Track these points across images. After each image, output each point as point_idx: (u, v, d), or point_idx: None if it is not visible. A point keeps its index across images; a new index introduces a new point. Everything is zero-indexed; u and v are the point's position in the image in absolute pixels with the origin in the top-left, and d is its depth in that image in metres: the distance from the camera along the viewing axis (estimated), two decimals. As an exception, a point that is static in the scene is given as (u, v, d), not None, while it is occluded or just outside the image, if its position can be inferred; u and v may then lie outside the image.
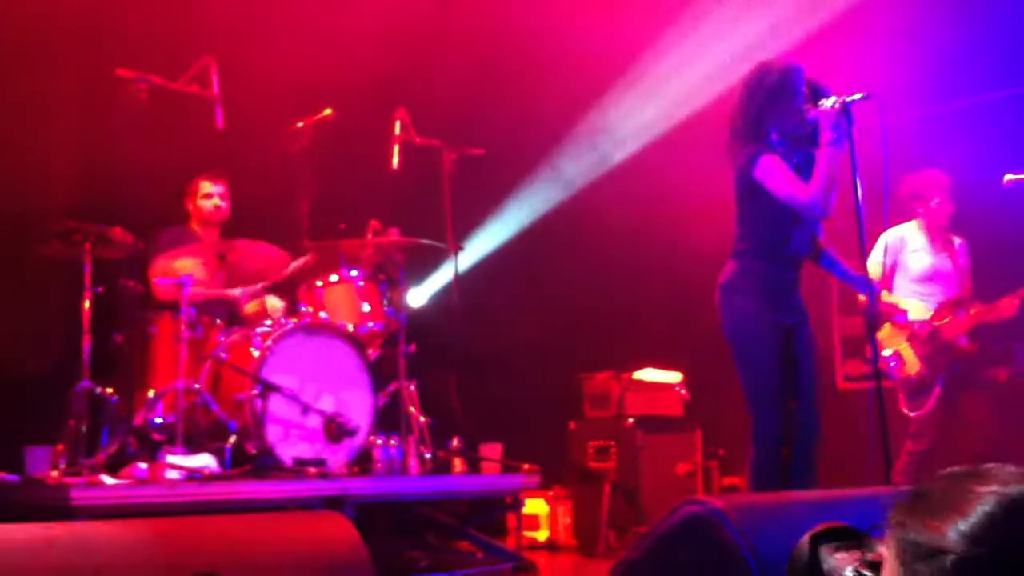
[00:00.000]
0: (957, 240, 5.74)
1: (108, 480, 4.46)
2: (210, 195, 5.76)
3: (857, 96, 4.09)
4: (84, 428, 4.84)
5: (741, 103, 4.27)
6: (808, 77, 4.22)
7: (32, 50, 5.99)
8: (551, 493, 6.41)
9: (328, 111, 5.92)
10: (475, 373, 6.31)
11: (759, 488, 4.10)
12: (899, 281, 5.72)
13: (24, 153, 5.90)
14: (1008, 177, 5.41)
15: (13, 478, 4.65)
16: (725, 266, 4.29)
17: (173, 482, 4.54)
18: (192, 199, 5.79)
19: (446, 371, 6.11)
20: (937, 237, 5.72)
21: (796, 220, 4.21)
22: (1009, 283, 5.57)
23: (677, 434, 6.34)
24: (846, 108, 4.08)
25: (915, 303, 5.64)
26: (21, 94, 5.94)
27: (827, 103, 4.12)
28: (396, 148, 5.92)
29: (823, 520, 2.35)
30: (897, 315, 5.64)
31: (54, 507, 4.10)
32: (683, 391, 6.51)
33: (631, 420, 6.21)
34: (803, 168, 4.20)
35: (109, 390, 5.05)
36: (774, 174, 4.14)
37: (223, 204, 5.78)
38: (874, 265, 5.73)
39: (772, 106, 4.19)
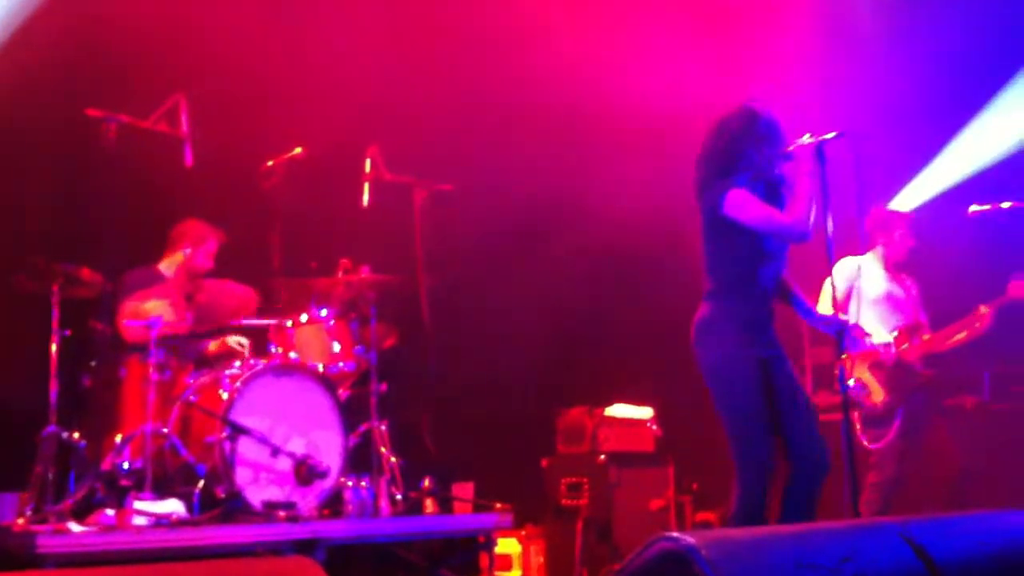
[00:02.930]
0: (907, 277, 5.85)
1: (75, 527, 4.40)
2: (214, 253, 5.75)
3: (831, 135, 4.19)
4: (51, 474, 4.78)
5: (722, 143, 4.33)
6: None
7: (4, 87, 5.97)
8: (524, 532, 6.38)
9: (298, 149, 5.92)
10: (447, 411, 6.29)
11: (748, 517, 4.09)
12: (854, 307, 5.76)
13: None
14: (973, 208, 5.49)
15: (-22, 526, 4.58)
16: (699, 308, 4.33)
17: (141, 528, 4.48)
18: (186, 245, 5.73)
19: (418, 410, 6.09)
20: (896, 268, 5.82)
21: (762, 257, 4.26)
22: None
23: (650, 469, 6.33)
24: (820, 146, 4.19)
25: (876, 328, 5.70)
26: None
27: (804, 140, 4.24)
28: (366, 186, 5.92)
29: (794, 554, 2.35)
30: (860, 342, 5.68)
31: (20, 555, 4.04)
32: (655, 427, 6.51)
33: (604, 456, 6.19)
34: (769, 203, 4.26)
35: (76, 435, 4.99)
36: (747, 205, 4.20)
37: None
38: (831, 289, 5.78)
39: (757, 150, 4.28)
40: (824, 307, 5.78)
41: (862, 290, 5.74)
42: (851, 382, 5.65)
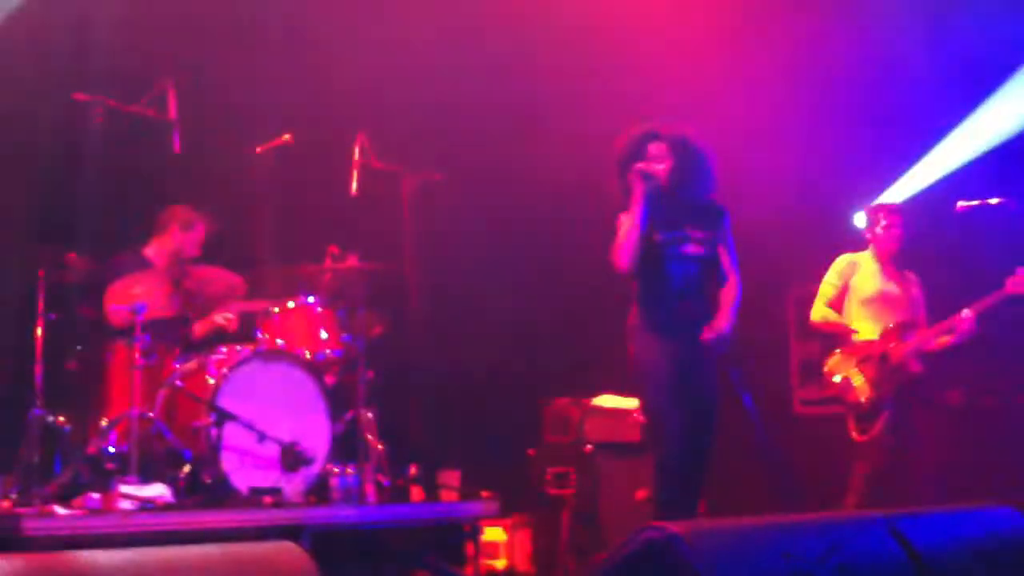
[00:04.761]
0: (912, 275, 5.83)
1: (60, 510, 4.39)
2: (201, 238, 5.73)
3: (658, 168, 4.60)
4: (36, 457, 4.77)
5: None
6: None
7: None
8: (510, 520, 6.38)
9: (287, 136, 5.90)
10: (434, 399, 6.29)
11: (668, 508, 4.46)
12: (848, 305, 5.79)
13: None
14: (960, 203, 5.50)
15: (-38, 508, 4.56)
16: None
17: (126, 512, 4.47)
18: (174, 230, 5.71)
19: (405, 398, 6.08)
20: (888, 265, 5.80)
21: (667, 262, 4.60)
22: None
23: (636, 459, 6.33)
24: (642, 175, 4.57)
25: (864, 325, 5.71)
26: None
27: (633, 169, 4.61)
28: (355, 173, 5.90)
29: (780, 545, 2.36)
30: (848, 338, 5.70)
31: (5, 537, 4.02)
32: (641, 417, 6.51)
33: (591, 446, 6.20)
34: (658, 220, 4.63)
35: (62, 418, 4.98)
36: (619, 226, 4.65)
37: None
38: (826, 286, 5.83)
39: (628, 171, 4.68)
40: (819, 305, 5.83)
41: (855, 287, 5.77)
42: (837, 378, 5.68)
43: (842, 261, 5.82)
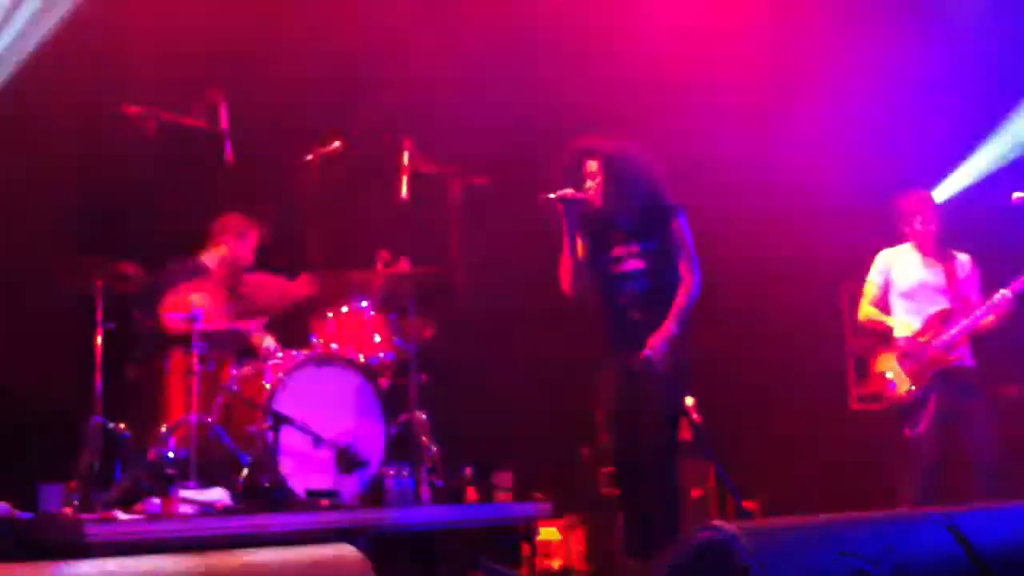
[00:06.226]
0: (962, 256, 5.72)
1: (122, 516, 4.45)
2: (255, 246, 5.80)
3: (568, 191, 4.60)
4: (97, 464, 4.85)
5: None
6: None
7: (43, 85, 6.04)
8: (564, 521, 6.39)
9: (337, 143, 5.95)
10: (487, 401, 6.31)
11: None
12: (891, 298, 5.74)
13: (35, 189, 5.94)
14: (1016, 195, 5.42)
15: (27, 515, 4.65)
16: None
17: (186, 516, 4.53)
18: (228, 238, 5.79)
19: (458, 400, 6.11)
20: (931, 254, 5.72)
21: (614, 279, 4.63)
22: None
23: (690, 459, 6.31)
24: (559, 201, 4.58)
25: (901, 319, 5.65)
26: (31, 129, 5.99)
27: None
28: (405, 178, 5.94)
29: (834, 544, 2.35)
30: (891, 334, 5.64)
31: (68, 544, 4.09)
32: (695, 415, 6.48)
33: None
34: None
35: (122, 425, 5.06)
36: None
37: None
38: (869, 285, 5.78)
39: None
40: (864, 304, 5.78)
41: (894, 282, 5.72)
42: (889, 375, 5.62)
43: (881, 258, 5.78)
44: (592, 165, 4.65)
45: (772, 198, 6.74)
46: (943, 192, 6.33)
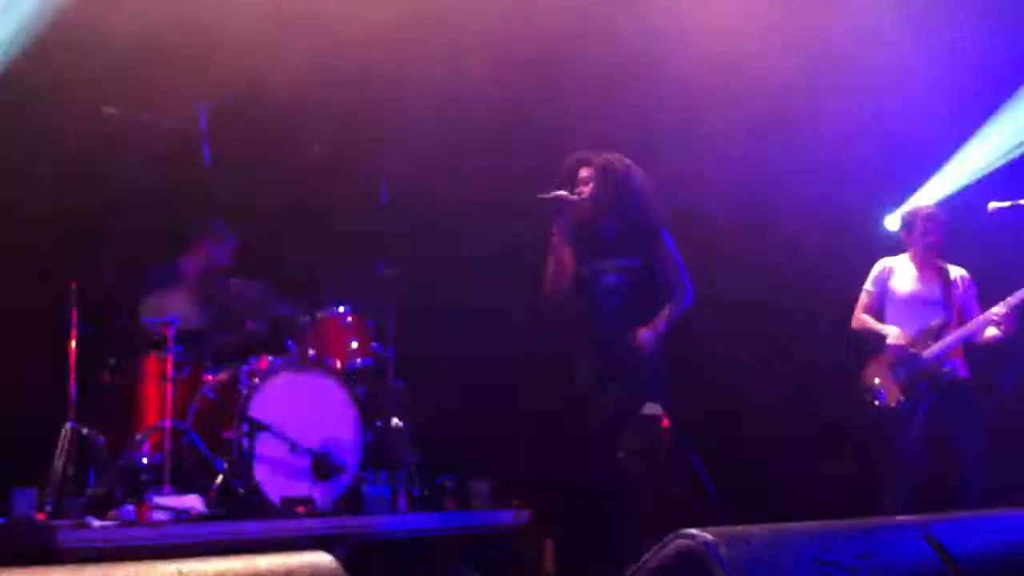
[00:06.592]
0: (957, 271, 5.75)
1: (95, 522, 4.42)
2: (232, 251, 5.77)
3: (563, 193, 4.67)
4: (71, 469, 4.81)
5: None
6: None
7: (20, 86, 5.99)
8: (542, 528, 6.35)
9: (316, 147, 5.93)
10: (465, 408, 6.27)
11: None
12: (887, 308, 5.77)
13: (10, 191, 5.89)
14: (992, 204, 5.45)
15: (-2, 520, 4.61)
16: None
17: (160, 523, 4.50)
18: (205, 243, 5.75)
19: (436, 407, 6.08)
20: (928, 267, 5.74)
21: (596, 293, 4.71)
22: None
23: (667, 464, 6.30)
24: (553, 200, 4.65)
25: (894, 329, 5.67)
26: (7, 131, 5.93)
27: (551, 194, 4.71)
28: (383, 184, 5.93)
29: (813, 551, 2.34)
30: (883, 342, 5.66)
31: (40, 550, 4.06)
32: (665, 421, 6.47)
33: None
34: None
35: (95, 431, 5.02)
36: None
37: None
38: (864, 292, 5.80)
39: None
40: (858, 311, 5.80)
41: (892, 291, 5.75)
42: (876, 382, 5.64)
43: (878, 266, 5.82)
44: (585, 172, 4.74)
45: (772, 203, 6.75)
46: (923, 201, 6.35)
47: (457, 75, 6.60)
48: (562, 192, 4.68)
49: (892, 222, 6.08)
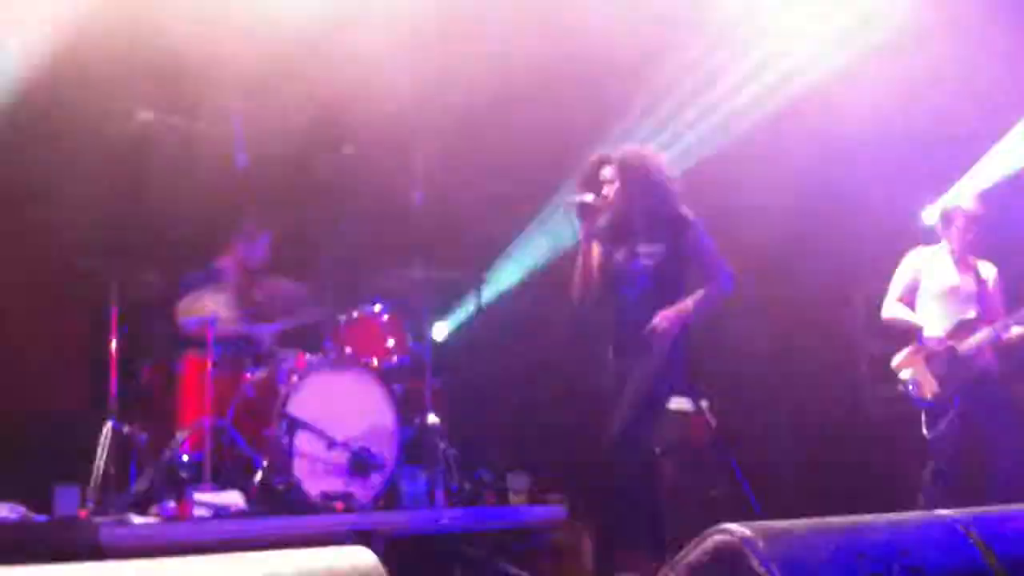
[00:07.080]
0: (990, 266, 5.70)
1: (136, 519, 4.47)
2: (268, 251, 5.81)
3: (588, 197, 4.68)
4: (112, 467, 4.87)
5: None
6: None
7: (59, 91, 6.05)
8: (580, 523, 6.36)
9: (349, 147, 5.95)
10: (503, 404, 6.29)
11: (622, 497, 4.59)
12: (920, 300, 5.71)
13: (51, 194, 5.96)
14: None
15: (42, 518, 4.67)
16: None
17: (201, 520, 4.55)
18: (241, 243, 5.80)
19: (474, 403, 6.11)
20: (964, 260, 5.69)
21: (623, 280, 4.71)
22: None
23: (705, 460, 6.29)
24: (578, 205, 4.67)
25: (934, 320, 5.61)
26: (47, 135, 6.00)
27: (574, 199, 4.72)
28: (419, 183, 5.94)
29: (851, 546, 2.33)
30: (917, 334, 5.61)
31: (83, 547, 4.11)
32: (710, 418, 6.47)
33: (658, 448, 6.16)
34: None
35: (137, 429, 5.07)
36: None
37: None
38: (896, 282, 5.75)
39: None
40: (890, 301, 5.75)
41: (926, 282, 5.69)
42: (906, 374, 5.59)
43: (913, 256, 5.74)
44: (608, 171, 4.73)
45: (786, 196, 6.70)
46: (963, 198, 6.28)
47: (492, 76, 6.62)
48: (587, 197, 4.67)
49: (930, 216, 6.01)
